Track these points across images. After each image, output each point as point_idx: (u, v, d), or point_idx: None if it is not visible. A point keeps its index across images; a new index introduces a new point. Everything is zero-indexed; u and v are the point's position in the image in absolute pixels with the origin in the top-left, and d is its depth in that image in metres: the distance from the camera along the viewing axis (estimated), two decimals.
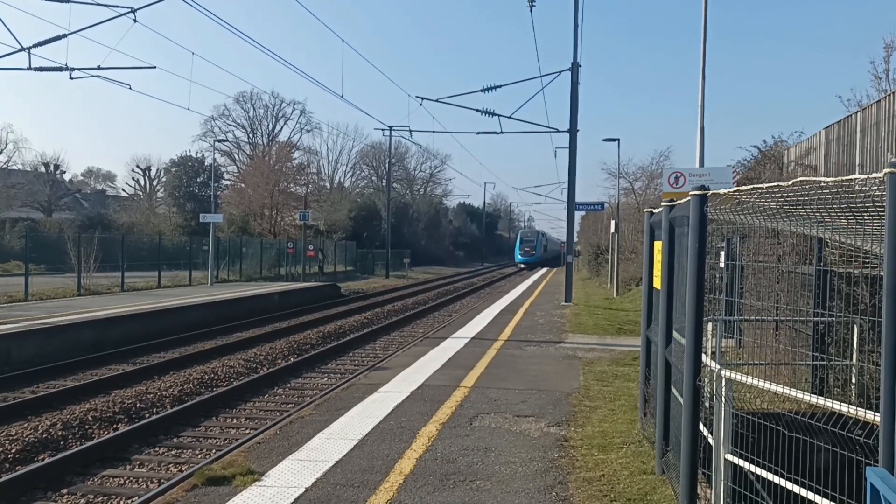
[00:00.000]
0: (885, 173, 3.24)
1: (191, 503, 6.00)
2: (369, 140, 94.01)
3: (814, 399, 4.35)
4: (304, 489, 6.22)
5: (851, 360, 7.97)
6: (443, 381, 11.13)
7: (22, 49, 19.56)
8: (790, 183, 4.03)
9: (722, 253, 10.97)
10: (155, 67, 24.97)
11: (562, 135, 27.92)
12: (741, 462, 5.02)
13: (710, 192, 5.08)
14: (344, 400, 9.72)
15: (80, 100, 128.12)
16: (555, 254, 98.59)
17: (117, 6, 19.22)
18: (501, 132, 29.89)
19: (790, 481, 4.46)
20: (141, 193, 75.92)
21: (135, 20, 19.04)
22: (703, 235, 5.13)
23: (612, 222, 37.15)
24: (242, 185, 63.49)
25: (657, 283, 7.28)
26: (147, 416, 11.30)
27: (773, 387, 4.79)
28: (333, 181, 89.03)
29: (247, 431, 10.52)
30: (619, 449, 7.48)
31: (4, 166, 62.73)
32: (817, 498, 4.16)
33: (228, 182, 73.43)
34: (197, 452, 9.60)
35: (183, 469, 8.70)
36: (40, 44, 19.75)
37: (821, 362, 8.30)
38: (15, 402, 11.67)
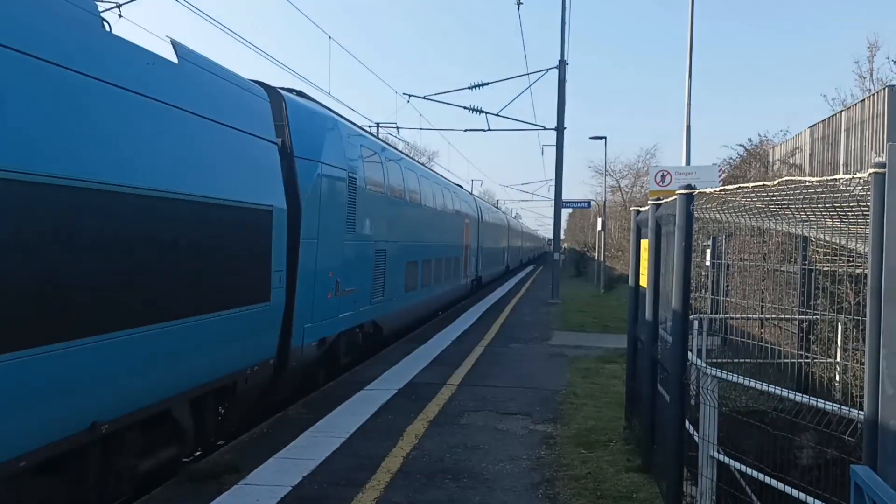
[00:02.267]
0: (869, 173, 3.27)
1: (176, 502, 5.97)
2: None
3: (798, 397, 4.38)
4: (290, 487, 6.20)
5: (836, 358, 8.03)
6: (430, 378, 11.13)
7: None
8: (776, 183, 4.06)
9: (708, 251, 11.03)
10: None
11: (549, 132, 27.96)
12: (727, 459, 5.05)
13: (697, 191, 5.11)
14: (331, 398, 9.69)
15: None
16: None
17: (103, 0, 19.03)
18: (489, 129, 29.83)
19: (775, 479, 4.49)
20: None
21: (120, 15, 18.81)
22: (690, 234, 5.16)
23: (599, 220, 37.28)
24: None
25: (644, 282, 7.31)
26: None
27: (759, 385, 4.82)
28: None
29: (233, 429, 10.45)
30: (605, 446, 7.51)
31: None
32: (802, 495, 4.19)
33: None
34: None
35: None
36: None
37: (805, 360, 8.35)
38: None
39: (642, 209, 7.78)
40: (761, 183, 4.23)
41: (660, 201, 6.46)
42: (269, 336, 8.25)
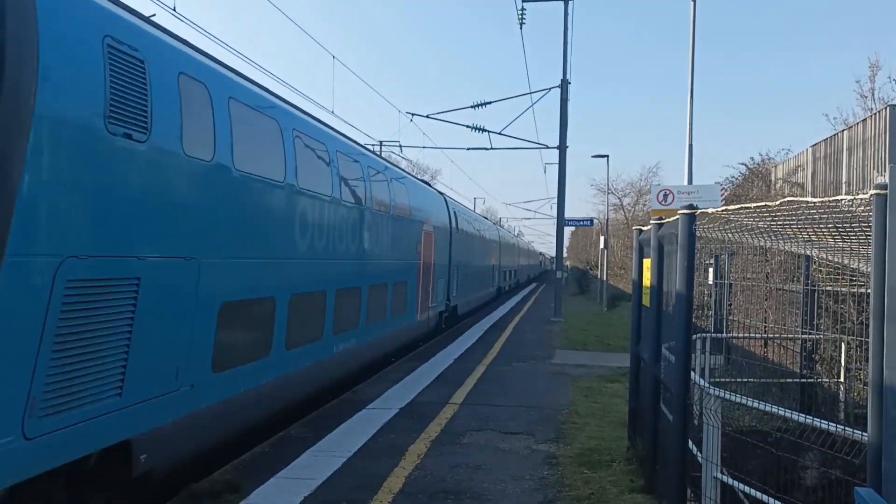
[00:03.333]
0: (871, 194, 3.27)
1: None
2: None
3: (802, 418, 4.36)
4: None
5: (839, 378, 8.00)
6: (432, 397, 11.09)
7: None
8: (778, 203, 4.06)
9: (710, 270, 11.01)
10: None
11: (551, 150, 28.03)
12: (730, 480, 5.01)
13: (699, 210, 5.11)
14: (332, 417, 9.66)
15: None
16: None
17: None
18: (491, 148, 29.94)
19: (779, 500, 4.46)
20: None
21: None
22: (692, 254, 5.16)
23: (602, 238, 37.26)
24: None
25: (646, 301, 7.30)
26: None
27: (763, 405, 4.80)
28: None
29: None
30: (608, 466, 7.46)
31: None
32: None
33: None
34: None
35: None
36: None
37: (808, 380, 8.32)
38: None
39: (645, 228, 7.79)
40: (763, 203, 4.24)
41: (662, 221, 6.47)
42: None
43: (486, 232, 32.39)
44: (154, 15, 6.93)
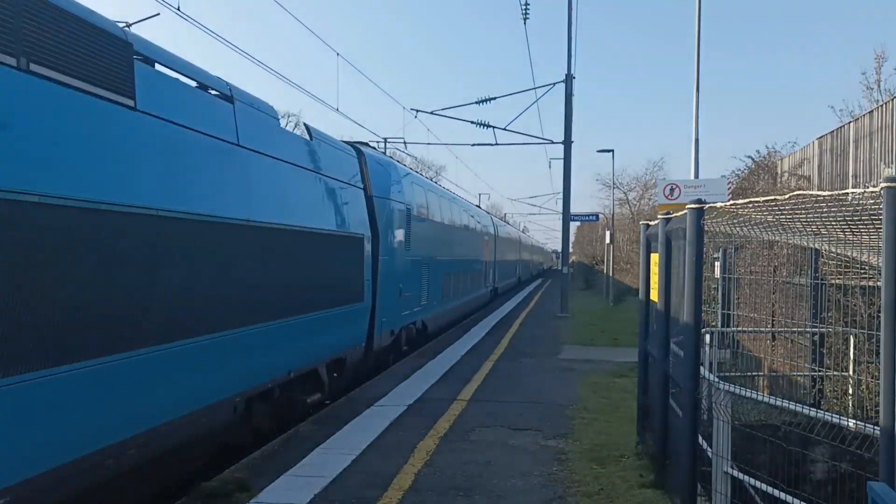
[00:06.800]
0: (882, 187, 3.26)
1: None
2: None
3: (812, 412, 4.35)
4: None
5: (849, 371, 7.97)
6: (440, 394, 11.10)
7: None
8: (787, 196, 4.05)
9: (717, 264, 10.98)
10: None
11: (556, 146, 28.00)
12: (741, 475, 5.01)
13: (707, 205, 5.10)
14: (341, 414, 9.68)
15: None
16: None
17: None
18: (496, 144, 29.86)
19: (790, 494, 4.45)
20: None
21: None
22: (701, 248, 5.15)
23: (608, 233, 37.20)
24: None
25: (654, 296, 7.29)
26: None
27: (772, 400, 4.80)
28: None
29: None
30: (617, 462, 7.46)
31: None
32: None
33: None
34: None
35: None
36: None
37: (817, 373, 8.29)
38: None
39: (652, 223, 7.77)
40: (772, 197, 4.22)
41: (669, 215, 6.46)
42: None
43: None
44: (157, 14, 6.94)
